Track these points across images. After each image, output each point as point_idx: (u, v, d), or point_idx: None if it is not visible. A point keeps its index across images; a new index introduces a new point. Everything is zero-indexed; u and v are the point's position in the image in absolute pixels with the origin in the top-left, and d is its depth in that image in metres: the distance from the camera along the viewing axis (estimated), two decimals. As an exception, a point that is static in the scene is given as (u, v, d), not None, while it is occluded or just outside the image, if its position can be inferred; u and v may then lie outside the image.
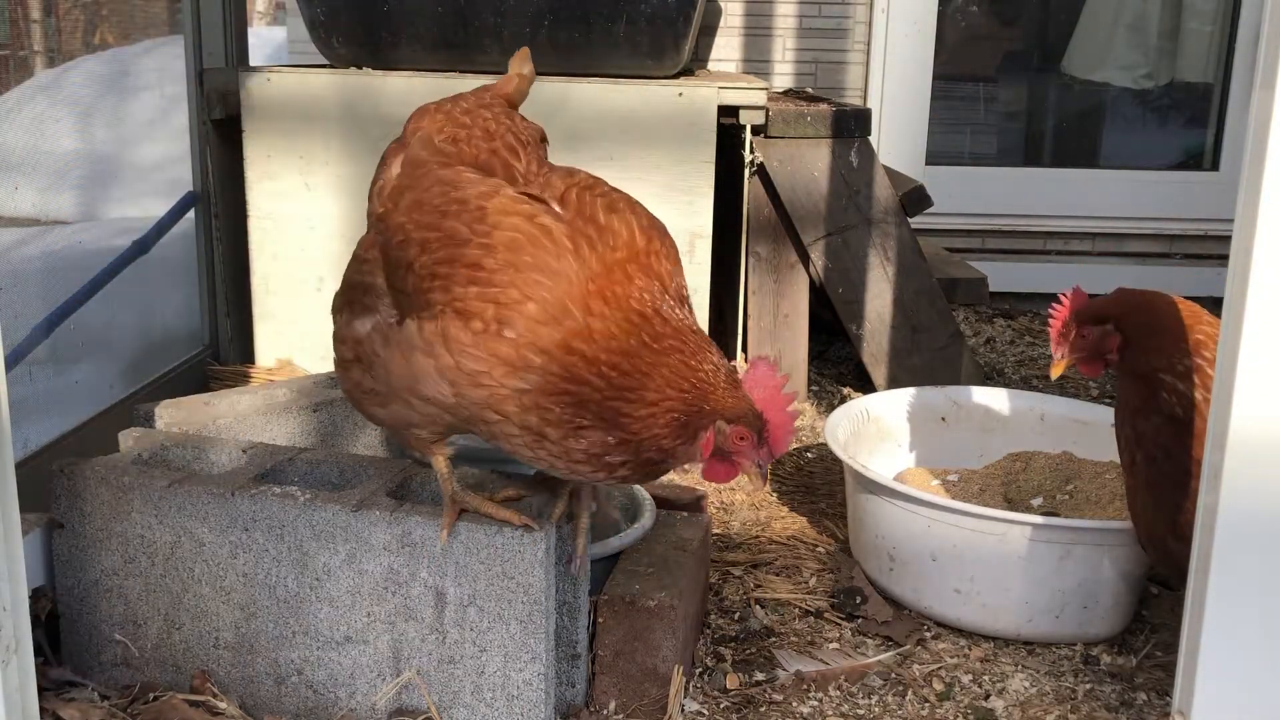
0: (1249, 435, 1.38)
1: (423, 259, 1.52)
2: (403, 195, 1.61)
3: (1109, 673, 1.97)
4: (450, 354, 1.47)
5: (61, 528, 1.74)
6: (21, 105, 4.69)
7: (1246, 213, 1.34)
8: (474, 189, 1.56)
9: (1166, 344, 1.77)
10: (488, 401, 1.47)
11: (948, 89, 4.80)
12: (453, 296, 1.48)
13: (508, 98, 1.81)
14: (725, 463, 1.54)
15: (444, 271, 1.50)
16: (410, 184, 1.62)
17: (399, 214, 1.59)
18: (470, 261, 1.49)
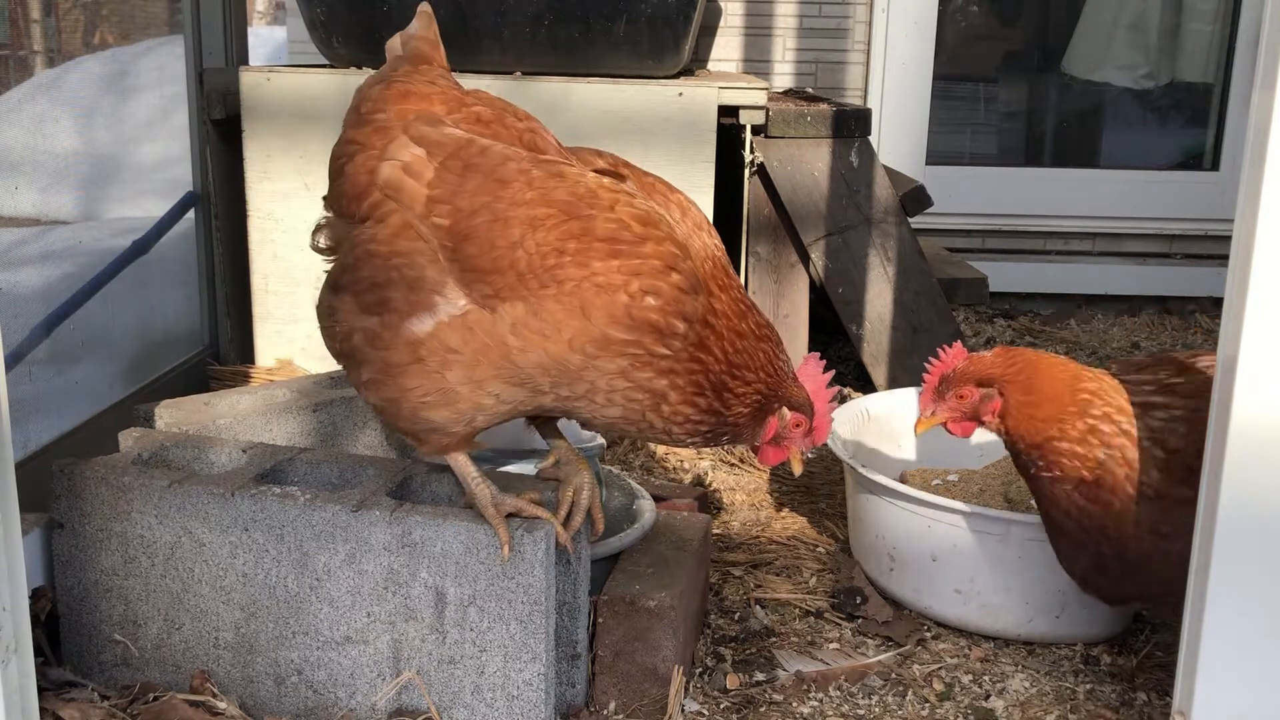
0: (1249, 435, 1.37)
1: (538, 236, 1.52)
2: (466, 175, 1.55)
3: (1109, 673, 1.97)
4: (595, 325, 1.50)
5: (61, 528, 1.74)
6: (21, 105, 4.69)
7: (1246, 213, 1.34)
8: (567, 167, 1.59)
9: (1053, 411, 1.71)
10: (624, 370, 1.53)
11: (948, 89, 4.80)
12: (591, 271, 1.51)
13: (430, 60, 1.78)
14: (777, 446, 1.67)
15: (574, 247, 1.51)
16: (472, 162, 1.56)
17: (472, 195, 1.54)
18: (606, 235, 1.52)
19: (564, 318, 1.51)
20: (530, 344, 1.52)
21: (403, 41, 1.78)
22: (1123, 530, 1.70)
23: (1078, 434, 1.70)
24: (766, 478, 2.74)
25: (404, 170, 1.58)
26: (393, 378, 1.58)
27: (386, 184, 1.58)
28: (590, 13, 2.83)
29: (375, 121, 1.66)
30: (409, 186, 1.57)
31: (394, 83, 1.70)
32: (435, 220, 1.55)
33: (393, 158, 1.59)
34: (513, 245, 1.52)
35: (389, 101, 1.67)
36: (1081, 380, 1.73)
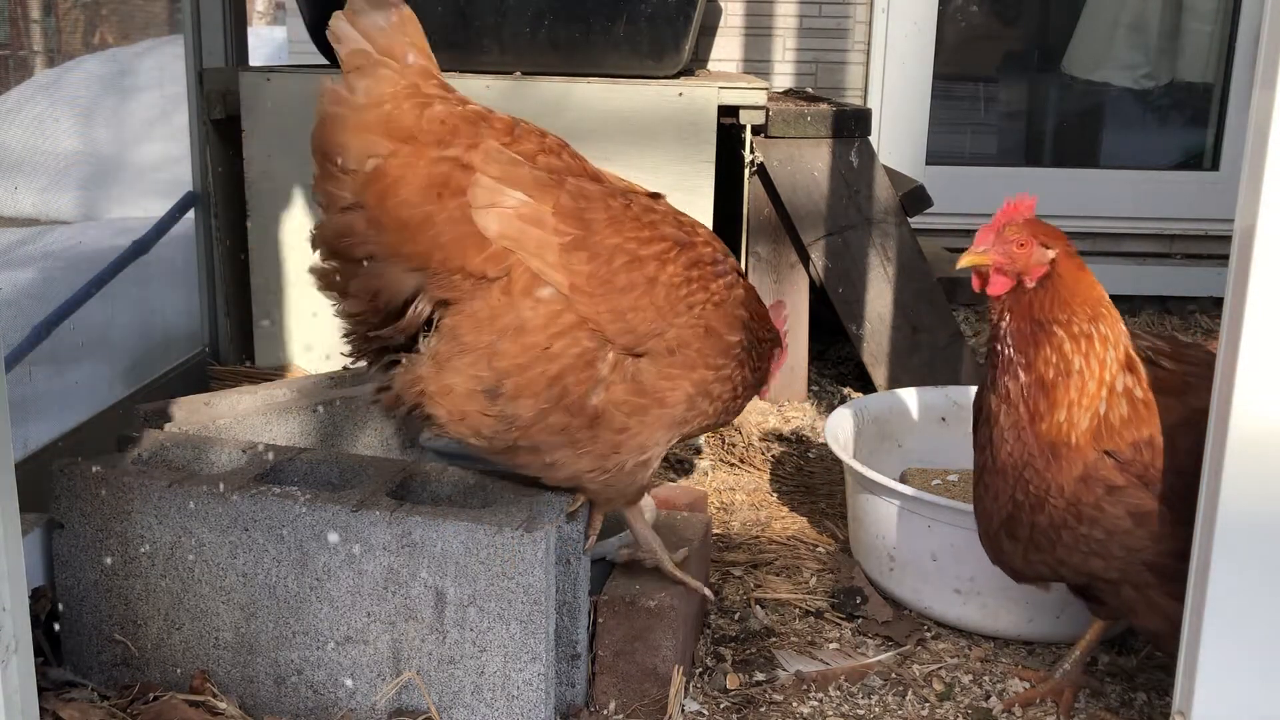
0: (1249, 434, 1.37)
1: (669, 270, 1.61)
2: (585, 217, 1.55)
3: (1109, 673, 1.97)
4: (720, 339, 1.67)
5: (61, 528, 1.74)
6: (21, 105, 4.69)
7: (1246, 213, 1.34)
8: (645, 196, 1.69)
9: (1077, 300, 1.67)
10: (731, 372, 1.72)
11: (948, 89, 4.80)
12: (710, 293, 1.66)
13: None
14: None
15: (696, 274, 1.63)
16: (580, 205, 1.56)
17: (603, 237, 1.55)
18: (709, 258, 1.67)
19: (698, 344, 1.64)
20: (677, 382, 1.64)
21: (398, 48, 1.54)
22: (1043, 482, 1.67)
23: (1078, 331, 1.65)
24: (766, 478, 2.74)
25: (519, 217, 1.52)
26: (589, 451, 1.61)
27: (503, 234, 1.51)
28: (590, 13, 2.84)
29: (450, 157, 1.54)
30: (533, 235, 1.52)
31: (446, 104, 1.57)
32: (575, 268, 1.53)
33: (496, 204, 1.51)
34: (651, 281, 1.58)
35: (459, 134, 1.55)
36: (1108, 302, 1.71)
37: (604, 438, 1.59)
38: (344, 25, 1.50)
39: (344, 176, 1.51)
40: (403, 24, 1.53)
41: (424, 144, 1.51)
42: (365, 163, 1.50)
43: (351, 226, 1.52)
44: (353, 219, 1.52)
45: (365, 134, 1.50)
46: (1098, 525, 1.66)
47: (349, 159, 1.50)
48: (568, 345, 1.54)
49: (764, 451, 2.85)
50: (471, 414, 1.56)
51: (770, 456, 2.84)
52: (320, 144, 1.52)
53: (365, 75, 1.50)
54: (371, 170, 1.50)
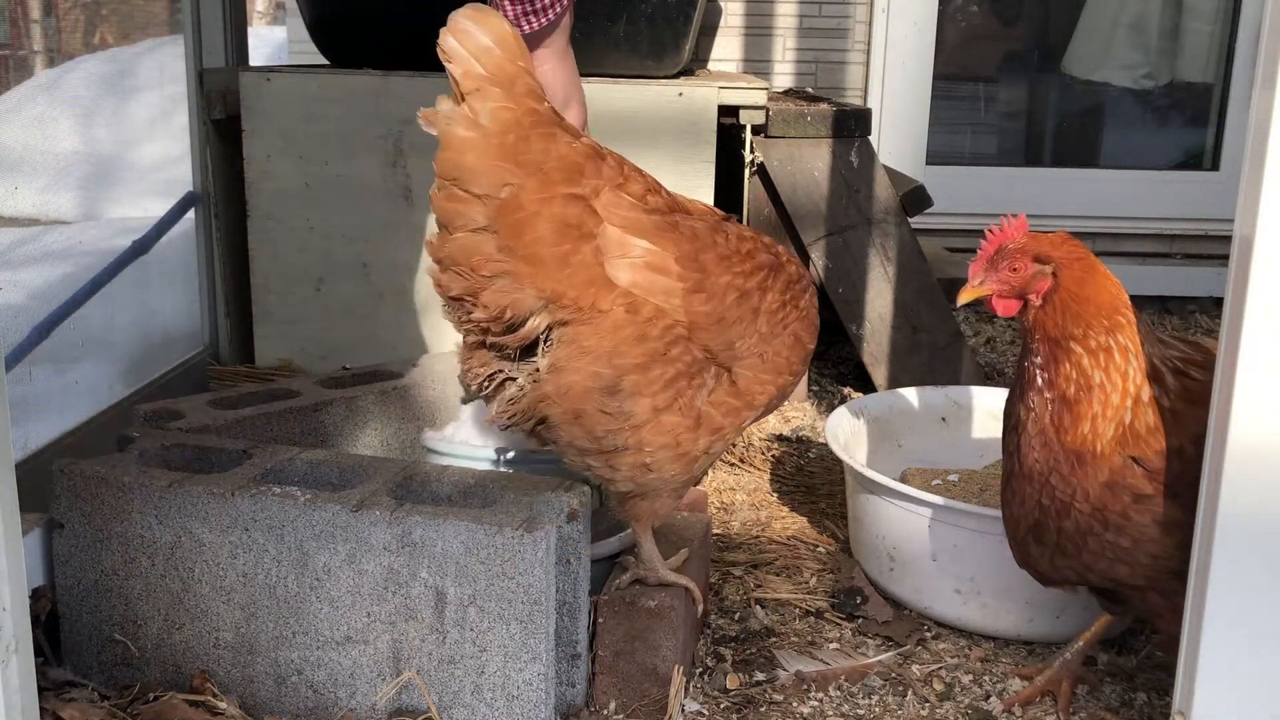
0: (1250, 434, 1.37)
1: (769, 297, 1.77)
2: (698, 258, 1.68)
3: (1109, 673, 1.97)
4: (805, 347, 1.86)
5: (61, 528, 1.74)
6: (21, 105, 4.70)
7: (1246, 213, 1.34)
8: (722, 220, 1.80)
9: (1089, 311, 1.65)
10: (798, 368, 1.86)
11: (948, 89, 4.80)
12: (799, 310, 1.83)
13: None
14: None
15: (789, 296, 1.80)
16: (701, 244, 1.70)
17: (715, 277, 1.70)
18: (796, 276, 1.85)
19: (787, 353, 1.80)
20: (766, 386, 1.78)
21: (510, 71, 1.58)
22: (1069, 488, 1.67)
23: (1095, 346, 1.64)
24: (766, 478, 2.74)
25: (647, 267, 1.64)
26: (686, 454, 1.73)
27: (634, 284, 1.64)
28: (590, 13, 2.83)
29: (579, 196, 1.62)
30: (661, 282, 1.65)
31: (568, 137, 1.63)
32: (695, 309, 1.67)
33: (626, 255, 1.63)
34: (755, 311, 1.74)
35: (584, 172, 1.63)
36: (1125, 303, 1.68)
37: (703, 439, 1.73)
38: (454, 44, 1.55)
39: (475, 200, 1.58)
40: (513, 44, 1.57)
41: (554, 180, 1.59)
42: (500, 190, 1.57)
43: (481, 248, 1.60)
44: (482, 241, 1.60)
45: (498, 161, 1.57)
46: (1124, 533, 1.65)
47: (481, 185, 1.57)
48: (683, 353, 1.68)
49: (764, 451, 2.85)
50: (588, 412, 1.65)
51: (770, 456, 2.84)
52: (450, 167, 1.58)
53: (486, 99, 1.56)
54: (506, 198, 1.58)
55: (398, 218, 2.85)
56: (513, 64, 1.57)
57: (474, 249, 1.60)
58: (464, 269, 1.61)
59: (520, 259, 1.59)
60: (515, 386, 1.69)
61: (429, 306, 2.88)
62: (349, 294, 2.89)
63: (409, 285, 2.87)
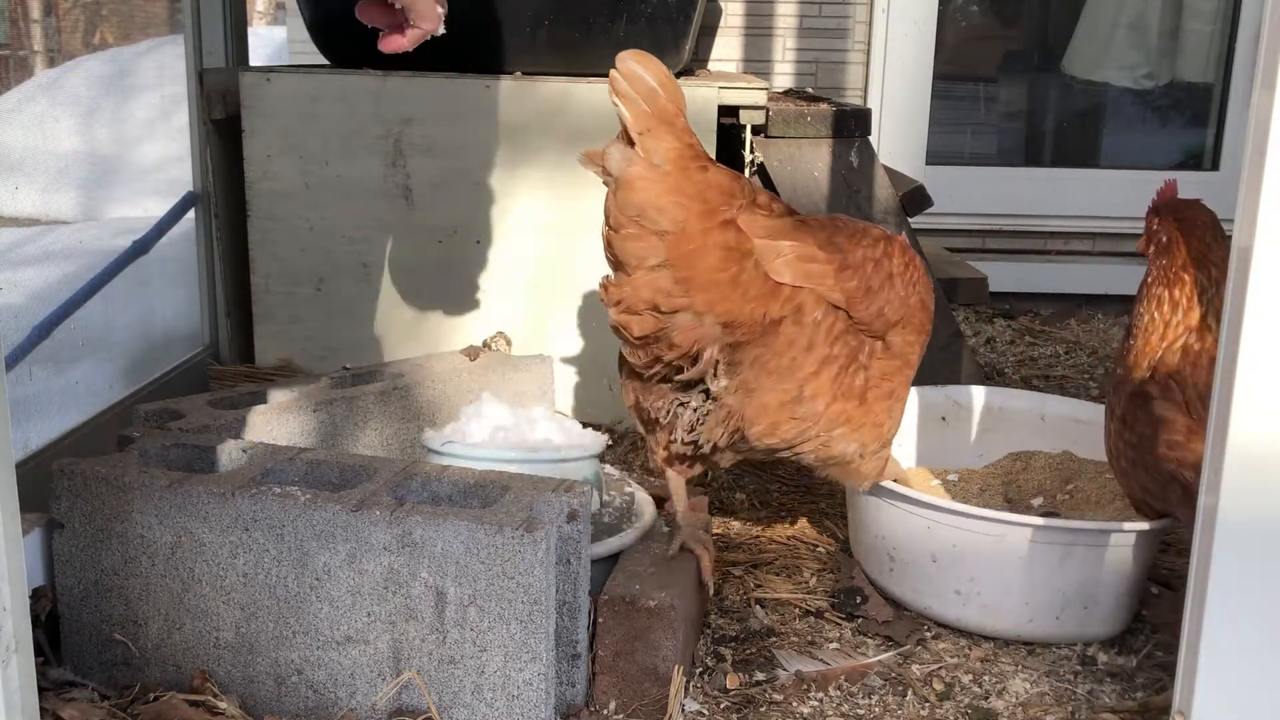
0: (1250, 433, 1.38)
1: (895, 261, 1.96)
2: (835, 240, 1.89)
3: (1109, 673, 1.97)
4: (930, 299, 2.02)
5: (62, 528, 1.74)
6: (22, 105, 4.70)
7: (1246, 213, 1.34)
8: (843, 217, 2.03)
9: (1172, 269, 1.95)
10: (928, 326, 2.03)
11: (948, 89, 4.80)
12: (919, 269, 1.99)
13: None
14: None
15: (908, 258, 1.98)
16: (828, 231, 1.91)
17: (855, 250, 1.90)
18: (904, 244, 2.01)
19: (920, 315, 1.97)
20: (913, 345, 1.98)
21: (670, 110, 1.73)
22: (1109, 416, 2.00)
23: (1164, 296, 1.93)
24: (767, 478, 2.74)
25: (800, 260, 1.80)
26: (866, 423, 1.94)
27: (796, 278, 1.80)
28: (590, 13, 2.84)
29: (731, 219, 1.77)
30: (815, 270, 1.83)
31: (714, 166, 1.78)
32: (847, 285, 1.85)
33: (781, 256, 1.79)
34: (889, 276, 1.92)
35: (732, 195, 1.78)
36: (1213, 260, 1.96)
37: (875, 407, 1.94)
38: (626, 86, 1.67)
39: (654, 237, 1.70)
40: (671, 85, 1.70)
41: (714, 207, 1.72)
42: (674, 225, 1.69)
43: (658, 284, 1.71)
44: (659, 277, 1.71)
45: (673, 197, 1.69)
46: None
47: (660, 221, 1.69)
48: (843, 347, 1.87)
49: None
50: (782, 422, 1.86)
51: (770, 456, 2.84)
52: (632, 206, 1.69)
53: (658, 139, 1.69)
54: (678, 232, 1.69)
55: (398, 218, 2.85)
56: (673, 104, 1.70)
57: (654, 286, 1.71)
58: (646, 309, 1.73)
59: (698, 288, 1.72)
60: (691, 410, 1.87)
61: (429, 306, 2.88)
62: (349, 294, 2.89)
63: (409, 285, 2.88)
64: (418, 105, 2.80)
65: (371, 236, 2.86)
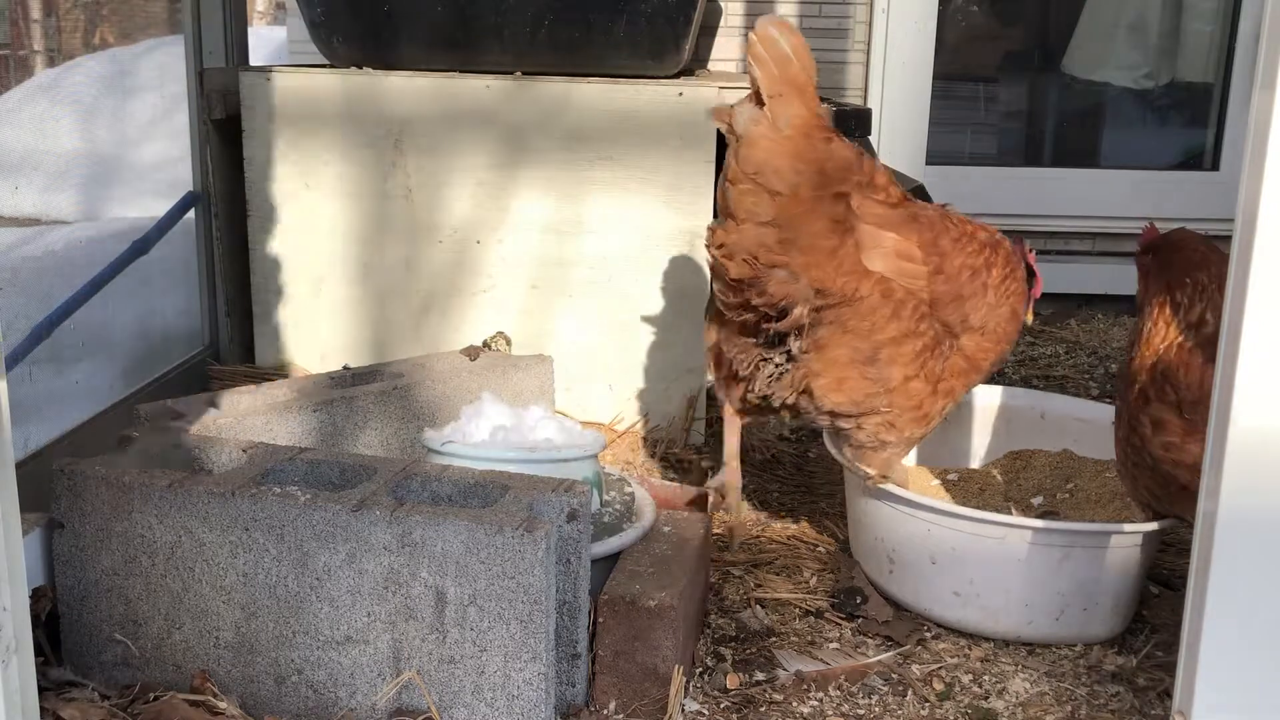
0: (1250, 433, 1.38)
1: (994, 272, 2.05)
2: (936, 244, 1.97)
3: (1109, 673, 1.97)
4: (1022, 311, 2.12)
5: (62, 527, 1.74)
6: (22, 105, 4.70)
7: (1246, 213, 1.34)
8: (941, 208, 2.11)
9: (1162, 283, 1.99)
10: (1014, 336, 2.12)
11: (948, 89, 4.80)
12: (1016, 281, 2.09)
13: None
14: None
15: (1009, 269, 2.07)
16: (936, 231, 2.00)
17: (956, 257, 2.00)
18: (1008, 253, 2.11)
19: (1006, 324, 2.04)
20: (989, 353, 2.04)
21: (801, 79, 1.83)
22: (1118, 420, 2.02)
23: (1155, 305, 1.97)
24: (767, 478, 2.74)
25: (896, 255, 1.90)
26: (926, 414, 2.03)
27: (886, 270, 1.89)
28: (590, 13, 2.84)
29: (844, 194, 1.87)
30: (908, 268, 1.90)
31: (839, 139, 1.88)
32: (937, 289, 1.94)
33: (879, 246, 1.88)
34: (984, 287, 1.99)
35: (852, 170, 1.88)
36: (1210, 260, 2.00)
37: (939, 401, 2.00)
38: (761, 50, 1.76)
39: (767, 195, 1.79)
40: (806, 55, 1.80)
41: (830, 178, 1.82)
42: (788, 187, 1.78)
43: (764, 240, 1.81)
44: (765, 234, 1.81)
45: (792, 161, 1.78)
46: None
47: (776, 182, 1.79)
48: (928, 328, 1.93)
49: (764, 451, 2.85)
50: (850, 379, 1.92)
51: (770, 456, 2.84)
52: (751, 163, 1.79)
53: (785, 104, 1.78)
54: (790, 195, 1.79)
55: (398, 218, 2.85)
56: (805, 73, 1.80)
57: (758, 240, 1.81)
58: (745, 257, 1.83)
59: (798, 251, 1.81)
60: (772, 365, 1.96)
61: (429, 306, 2.88)
62: (349, 294, 2.89)
63: (409, 285, 2.88)
64: (418, 105, 2.80)
65: (371, 236, 2.86)
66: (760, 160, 1.78)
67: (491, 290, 2.87)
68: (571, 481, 1.72)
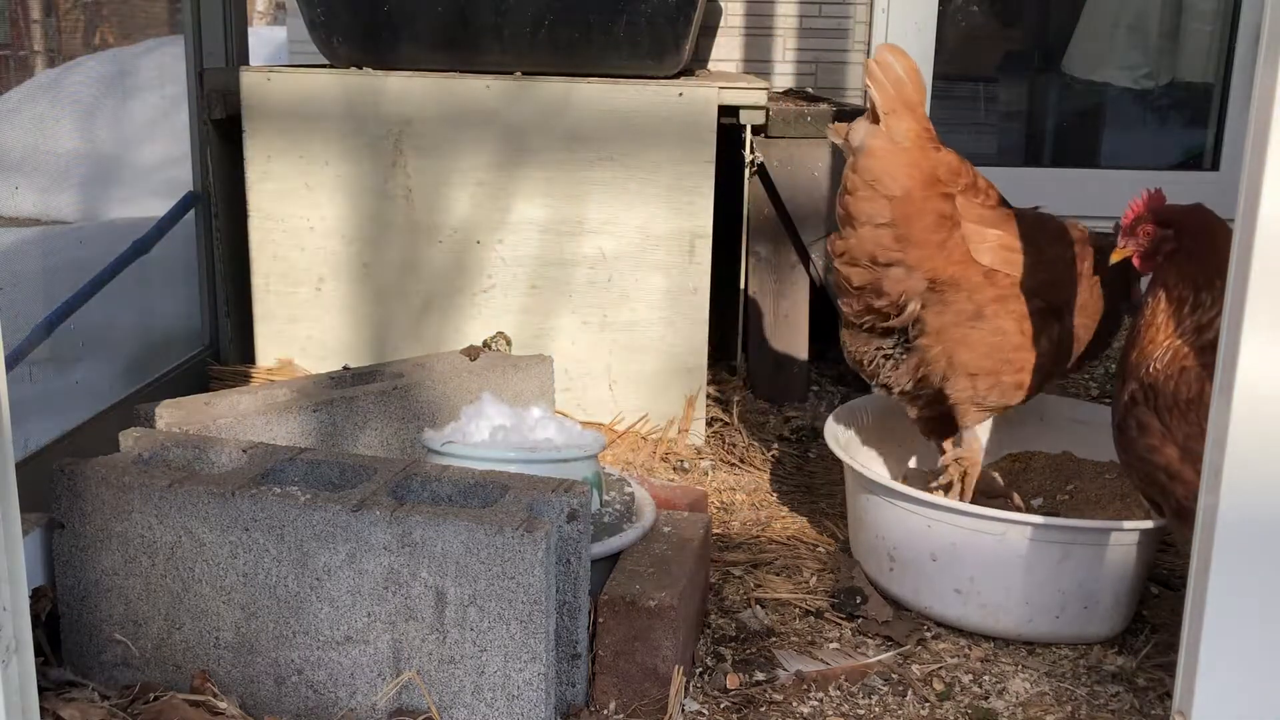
0: (1249, 434, 1.38)
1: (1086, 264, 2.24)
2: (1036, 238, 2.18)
3: (1109, 673, 1.97)
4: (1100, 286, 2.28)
5: (62, 528, 1.74)
6: (22, 105, 4.70)
7: (1246, 213, 1.34)
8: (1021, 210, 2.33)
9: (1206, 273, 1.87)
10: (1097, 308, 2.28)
11: (948, 89, 4.79)
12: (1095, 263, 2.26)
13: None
14: None
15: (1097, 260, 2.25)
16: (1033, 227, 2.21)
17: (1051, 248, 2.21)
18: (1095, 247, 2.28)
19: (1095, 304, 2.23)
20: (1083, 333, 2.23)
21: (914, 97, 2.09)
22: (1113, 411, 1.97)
23: (1175, 296, 1.90)
24: (766, 478, 2.74)
25: (1001, 248, 2.11)
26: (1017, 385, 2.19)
27: (993, 263, 2.10)
28: (590, 13, 2.84)
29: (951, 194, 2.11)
30: (1012, 259, 2.11)
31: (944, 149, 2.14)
32: (1038, 276, 2.12)
33: (985, 241, 2.10)
34: (1078, 274, 2.20)
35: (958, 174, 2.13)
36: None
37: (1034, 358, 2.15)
38: (879, 74, 2.03)
39: (883, 199, 2.05)
40: (917, 77, 2.07)
41: (939, 180, 2.07)
42: (904, 190, 2.04)
43: (880, 239, 2.06)
44: (882, 234, 2.06)
45: (905, 168, 2.04)
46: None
47: (891, 187, 2.04)
48: (1033, 307, 2.12)
49: (764, 451, 2.86)
50: (959, 339, 2.11)
51: (770, 456, 2.84)
52: (870, 172, 2.05)
53: (900, 120, 2.05)
54: (903, 196, 2.04)
55: (398, 218, 2.85)
56: (916, 92, 2.07)
57: (876, 241, 2.06)
58: (864, 260, 2.08)
59: (912, 245, 2.05)
60: (888, 355, 2.19)
61: (429, 306, 2.88)
62: (349, 294, 2.89)
63: (409, 285, 2.88)
64: (418, 105, 2.80)
65: (371, 236, 2.86)
66: (878, 169, 2.04)
67: (491, 290, 2.87)
68: (571, 481, 1.72)
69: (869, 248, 2.07)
